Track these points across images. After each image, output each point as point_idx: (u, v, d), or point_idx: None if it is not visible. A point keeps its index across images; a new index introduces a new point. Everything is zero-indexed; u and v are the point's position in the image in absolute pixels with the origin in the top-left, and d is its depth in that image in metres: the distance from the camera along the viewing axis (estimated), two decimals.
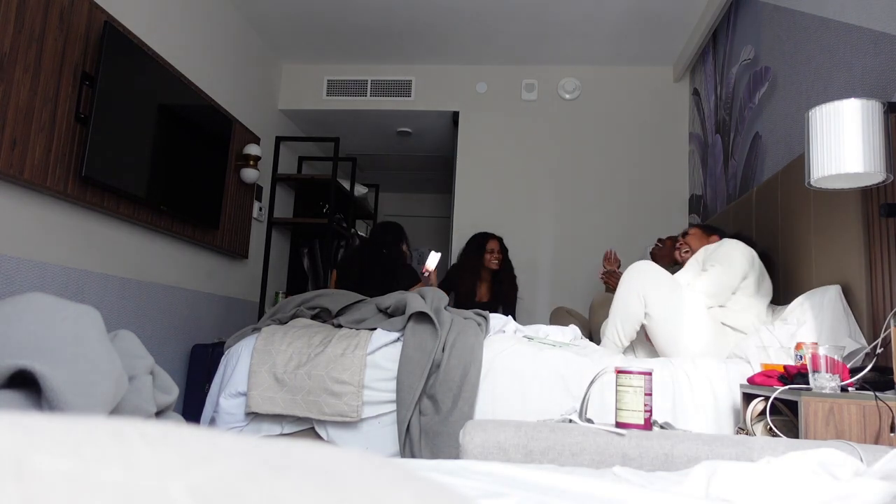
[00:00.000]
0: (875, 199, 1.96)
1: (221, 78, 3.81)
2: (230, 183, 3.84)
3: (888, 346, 1.60)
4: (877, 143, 1.68)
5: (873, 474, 0.95)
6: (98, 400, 0.89)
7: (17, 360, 0.83)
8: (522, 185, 4.56)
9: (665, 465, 1.21)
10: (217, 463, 0.21)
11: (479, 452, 1.26)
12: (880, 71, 2.06)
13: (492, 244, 3.82)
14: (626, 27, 4.04)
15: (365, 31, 4.25)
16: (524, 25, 4.10)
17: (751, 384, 1.82)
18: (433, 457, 2.02)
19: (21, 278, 2.33)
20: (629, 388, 1.37)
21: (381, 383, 2.21)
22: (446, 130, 5.13)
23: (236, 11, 4.01)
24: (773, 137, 2.95)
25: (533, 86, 4.65)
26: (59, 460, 0.20)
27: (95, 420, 0.23)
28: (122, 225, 2.92)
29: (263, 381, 2.22)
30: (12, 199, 2.30)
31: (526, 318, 3.84)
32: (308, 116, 4.98)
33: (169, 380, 1.16)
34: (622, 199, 4.44)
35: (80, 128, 2.52)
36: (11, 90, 2.21)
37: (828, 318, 2.01)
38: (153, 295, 3.18)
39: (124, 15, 2.84)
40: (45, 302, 0.94)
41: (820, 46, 2.50)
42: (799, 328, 2.07)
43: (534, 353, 2.22)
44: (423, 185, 6.95)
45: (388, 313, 2.42)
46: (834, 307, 2.02)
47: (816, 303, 2.08)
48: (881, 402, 1.43)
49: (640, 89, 4.56)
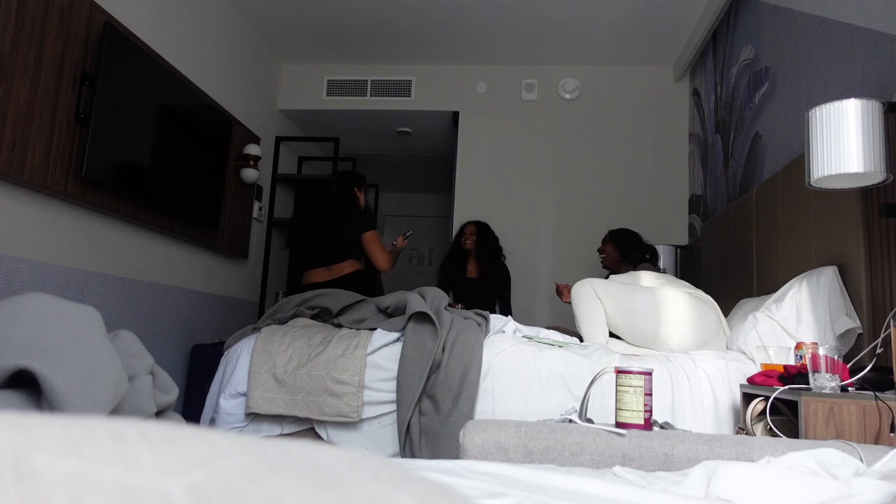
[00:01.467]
0: (875, 199, 1.96)
1: (221, 78, 3.81)
2: (230, 183, 3.84)
3: (888, 346, 1.60)
4: (877, 143, 1.68)
5: (873, 474, 0.95)
6: (98, 400, 0.89)
7: (17, 360, 0.83)
8: (522, 185, 4.56)
9: (665, 465, 1.21)
10: (217, 463, 0.21)
11: (479, 452, 1.26)
12: (880, 71, 2.06)
13: (468, 228, 3.99)
14: (626, 27, 4.04)
15: (365, 31, 4.25)
16: (524, 25, 4.10)
17: (751, 384, 1.82)
18: (433, 457, 2.02)
19: (21, 278, 2.33)
20: (629, 388, 1.37)
21: (382, 383, 2.21)
22: (446, 130, 5.13)
23: (236, 11, 4.01)
24: (773, 137, 2.95)
25: (533, 86, 4.65)
26: (59, 460, 0.20)
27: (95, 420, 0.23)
28: (122, 225, 2.92)
29: (263, 381, 2.22)
30: (12, 199, 2.30)
31: (526, 318, 3.84)
32: (308, 116, 4.98)
33: (169, 380, 1.16)
34: (622, 199, 4.44)
35: (80, 128, 2.52)
36: (11, 90, 2.21)
37: (824, 296, 2.02)
38: (153, 295, 3.17)
39: (124, 15, 2.84)
40: (45, 302, 0.94)
41: (820, 46, 2.50)
42: (794, 310, 2.09)
43: (534, 353, 2.22)
44: (423, 185, 6.95)
45: (389, 313, 2.42)
46: (831, 286, 2.03)
47: (813, 283, 2.10)
48: (881, 402, 1.43)
49: (640, 89, 4.56)
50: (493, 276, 3.90)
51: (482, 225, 4.01)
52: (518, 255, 4.37)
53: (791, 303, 2.12)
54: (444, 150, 5.53)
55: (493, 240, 4.01)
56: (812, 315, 2.03)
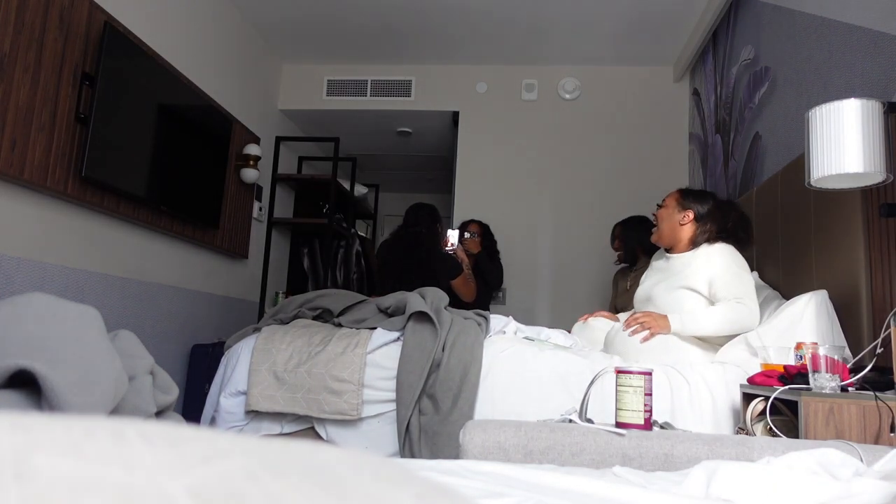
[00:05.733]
0: (875, 199, 1.96)
1: (221, 78, 3.81)
2: (230, 183, 3.84)
3: (888, 346, 1.60)
4: (877, 143, 1.68)
5: (873, 474, 0.95)
6: (98, 400, 0.89)
7: (17, 360, 0.83)
8: (522, 186, 4.56)
9: (665, 465, 1.21)
10: (217, 463, 0.21)
11: (479, 452, 1.26)
12: (880, 71, 2.06)
13: (472, 227, 3.95)
14: (626, 27, 4.04)
15: (365, 31, 4.25)
16: (524, 25, 4.10)
17: (751, 384, 1.82)
18: (432, 456, 2.02)
19: (21, 278, 2.33)
20: (629, 388, 1.37)
21: (382, 382, 2.21)
22: (446, 130, 5.13)
23: (236, 11, 4.01)
24: (773, 137, 2.95)
25: (533, 86, 4.65)
26: (59, 460, 0.20)
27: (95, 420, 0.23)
28: (122, 225, 2.92)
29: (263, 379, 2.22)
30: (12, 199, 2.30)
31: (526, 318, 3.84)
32: (308, 116, 4.98)
33: (169, 380, 1.16)
34: (622, 199, 4.44)
35: (80, 128, 2.52)
36: (11, 90, 2.21)
37: (812, 324, 2.01)
38: (153, 295, 3.17)
39: (124, 15, 2.84)
40: (45, 302, 0.94)
41: (820, 46, 2.50)
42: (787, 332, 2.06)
43: (534, 353, 2.22)
44: (423, 185, 6.95)
45: (389, 313, 2.42)
46: (818, 313, 2.02)
47: (798, 311, 2.07)
48: (881, 402, 1.43)
49: (640, 89, 4.56)
50: (491, 276, 3.91)
51: (484, 226, 4.01)
52: (518, 255, 4.37)
53: (784, 329, 2.08)
54: (444, 150, 5.53)
55: (493, 241, 4.02)
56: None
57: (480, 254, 3.91)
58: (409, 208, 3.60)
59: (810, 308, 2.05)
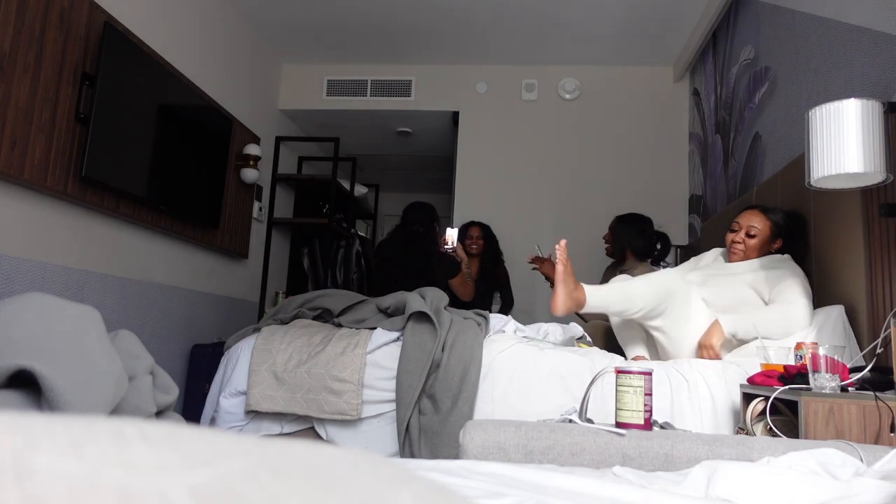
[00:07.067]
0: (875, 199, 1.96)
1: (221, 78, 3.81)
2: (230, 183, 3.84)
3: (888, 346, 1.60)
4: (877, 143, 1.68)
5: (873, 474, 0.95)
6: (98, 400, 0.89)
7: (17, 360, 0.83)
8: (522, 186, 4.56)
9: (665, 465, 1.21)
10: (217, 463, 0.21)
11: (479, 452, 1.26)
12: (880, 71, 2.06)
13: (473, 231, 3.92)
14: (625, 27, 4.04)
15: (365, 31, 4.25)
16: (524, 25, 4.10)
17: (751, 384, 1.82)
18: (432, 456, 2.02)
19: (21, 278, 2.33)
20: (629, 388, 1.37)
21: (381, 382, 2.21)
22: (446, 130, 5.13)
23: (236, 11, 4.01)
24: (773, 137, 2.95)
25: (533, 86, 4.65)
26: (59, 460, 0.20)
27: (95, 420, 0.23)
28: (122, 225, 2.92)
29: (263, 379, 2.22)
30: (12, 199, 2.30)
31: (526, 318, 3.84)
32: (308, 116, 4.98)
33: (169, 380, 1.16)
34: (622, 199, 4.43)
35: (80, 128, 2.52)
36: (11, 90, 2.21)
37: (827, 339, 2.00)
38: (153, 295, 3.17)
39: (124, 15, 2.84)
40: (45, 302, 0.94)
41: (820, 46, 2.50)
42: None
43: (534, 353, 2.22)
44: (423, 185, 6.95)
45: (388, 313, 2.42)
46: (835, 328, 2.01)
47: (818, 323, 2.07)
48: (881, 402, 1.43)
49: (640, 89, 4.56)
50: (493, 278, 3.90)
51: (485, 227, 4.00)
52: (518, 255, 4.36)
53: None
54: (444, 150, 5.53)
55: (495, 242, 4.01)
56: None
57: (484, 255, 3.89)
58: (406, 207, 3.60)
59: (826, 327, 2.03)
